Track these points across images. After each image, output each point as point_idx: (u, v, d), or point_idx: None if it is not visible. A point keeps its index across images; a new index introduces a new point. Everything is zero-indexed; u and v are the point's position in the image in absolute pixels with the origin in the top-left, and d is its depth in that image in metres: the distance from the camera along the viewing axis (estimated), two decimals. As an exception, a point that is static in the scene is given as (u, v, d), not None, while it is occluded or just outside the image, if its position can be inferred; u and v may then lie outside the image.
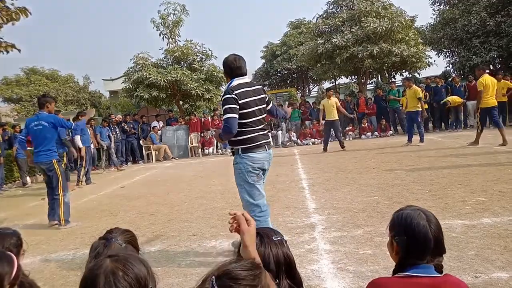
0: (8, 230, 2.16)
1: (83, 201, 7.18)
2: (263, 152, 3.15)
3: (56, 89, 24.31)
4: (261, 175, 3.19)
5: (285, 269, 1.23)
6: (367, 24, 14.81)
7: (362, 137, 13.93)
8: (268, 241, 1.25)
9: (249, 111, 3.09)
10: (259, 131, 3.15)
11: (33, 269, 3.48)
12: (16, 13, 7.82)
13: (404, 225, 1.39)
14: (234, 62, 3.18)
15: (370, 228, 3.73)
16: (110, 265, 1.07)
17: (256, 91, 3.18)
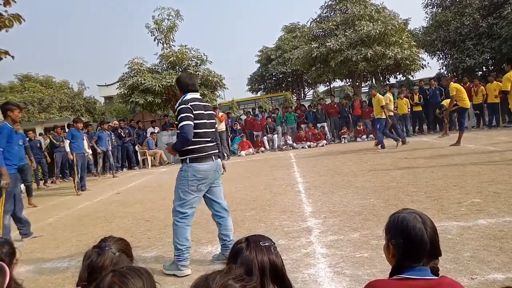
0: (0, 239, 2.14)
1: (78, 208, 7.13)
2: (209, 163, 3.33)
3: (51, 95, 24.16)
4: (201, 188, 3.33)
5: (271, 275, 1.23)
6: (361, 27, 14.90)
7: (358, 140, 13.97)
8: (254, 247, 1.26)
9: (200, 122, 3.28)
10: (208, 143, 3.35)
11: (27, 278, 3.44)
12: (9, 20, 7.77)
13: (400, 228, 1.39)
14: (189, 79, 3.47)
15: (367, 231, 3.73)
16: (109, 280, 1.13)
17: (207, 107, 3.43)
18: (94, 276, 1.58)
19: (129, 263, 1.68)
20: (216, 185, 3.47)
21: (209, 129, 3.37)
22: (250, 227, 4.43)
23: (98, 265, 1.57)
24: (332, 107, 15.14)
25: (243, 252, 1.25)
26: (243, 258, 1.24)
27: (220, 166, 3.49)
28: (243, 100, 25.11)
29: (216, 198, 3.49)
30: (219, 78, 16.30)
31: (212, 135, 3.42)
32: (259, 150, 14.60)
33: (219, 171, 3.47)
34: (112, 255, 1.60)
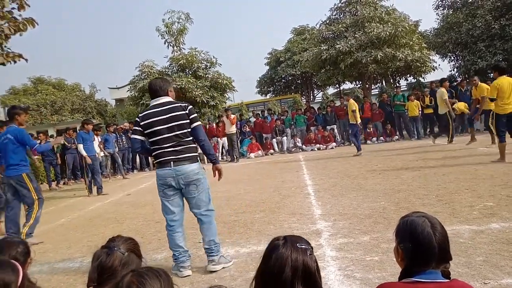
0: (16, 239, 2.19)
1: (89, 209, 7.21)
2: (166, 169, 3.25)
3: (63, 97, 24.55)
4: (167, 192, 3.31)
5: (303, 276, 1.22)
6: (371, 29, 14.84)
7: (368, 142, 13.88)
8: (290, 246, 1.26)
9: (152, 131, 3.26)
10: (164, 149, 3.26)
11: (40, 278, 3.50)
12: (23, 24, 7.94)
13: (409, 232, 1.39)
14: (150, 86, 3.43)
15: (377, 234, 3.71)
16: (128, 279, 1.17)
17: (168, 110, 3.26)
18: (104, 277, 1.60)
19: (139, 262, 1.70)
20: (188, 194, 3.32)
21: (165, 135, 3.23)
22: (260, 229, 4.44)
23: (107, 265, 1.59)
24: (342, 109, 15.05)
25: (279, 249, 1.26)
26: (278, 254, 1.25)
27: (180, 172, 3.24)
28: (253, 102, 25.18)
29: (189, 208, 3.42)
30: (229, 80, 16.38)
31: (173, 139, 3.24)
32: (268, 152, 14.60)
33: (179, 177, 3.25)
34: (121, 255, 1.62)
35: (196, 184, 3.31)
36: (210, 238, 3.35)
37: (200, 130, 3.42)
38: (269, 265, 1.26)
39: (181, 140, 3.28)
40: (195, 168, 3.30)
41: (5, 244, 2.09)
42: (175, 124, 3.25)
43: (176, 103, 3.36)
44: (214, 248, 3.34)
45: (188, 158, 3.29)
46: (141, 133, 3.32)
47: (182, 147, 3.28)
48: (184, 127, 3.29)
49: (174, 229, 3.36)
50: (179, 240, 3.36)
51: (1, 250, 2.04)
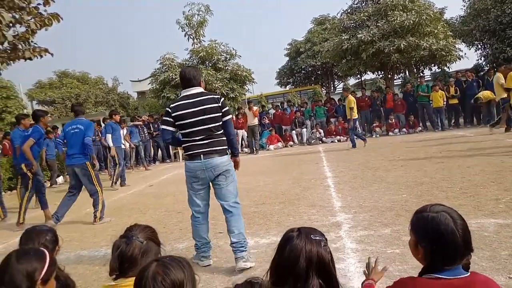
0: (44, 227, 2.28)
1: (113, 199, 7.41)
2: (196, 162, 3.21)
3: (87, 91, 25.16)
4: (195, 186, 3.29)
5: (317, 268, 1.23)
6: (394, 18, 14.47)
7: (390, 134, 13.63)
8: (304, 237, 1.27)
9: (183, 123, 3.20)
10: (196, 141, 3.20)
11: (67, 266, 3.62)
12: (48, 19, 8.13)
13: (431, 232, 1.31)
14: (183, 75, 3.32)
15: (398, 227, 3.66)
16: (153, 269, 1.21)
17: (201, 102, 3.18)
18: (125, 266, 1.65)
19: (157, 250, 1.75)
20: (216, 185, 3.28)
21: (196, 127, 3.18)
22: (279, 220, 4.46)
23: (127, 255, 1.64)
24: (363, 100, 14.80)
25: (293, 240, 1.27)
26: (292, 245, 1.26)
27: (210, 165, 3.20)
28: (272, 94, 25.08)
29: (216, 198, 3.36)
30: (248, 72, 16.36)
31: (204, 132, 3.19)
32: (288, 144, 14.56)
33: (208, 170, 3.21)
34: (140, 243, 1.66)
35: (226, 175, 3.26)
36: (240, 231, 3.25)
37: (231, 124, 3.40)
38: (283, 256, 1.27)
39: (213, 133, 3.22)
40: (225, 160, 3.27)
41: (34, 232, 2.18)
42: (208, 117, 3.18)
43: (209, 94, 3.29)
44: (243, 243, 3.22)
45: (218, 151, 3.24)
46: (172, 124, 3.26)
47: (213, 140, 3.22)
48: (217, 120, 3.23)
49: (199, 221, 3.38)
50: (203, 232, 3.38)
51: (31, 237, 2.14)
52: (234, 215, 3.28)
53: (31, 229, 2.23)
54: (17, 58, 8.37)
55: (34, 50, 8.28)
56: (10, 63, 8.58)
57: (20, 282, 1.50)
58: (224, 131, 3.31)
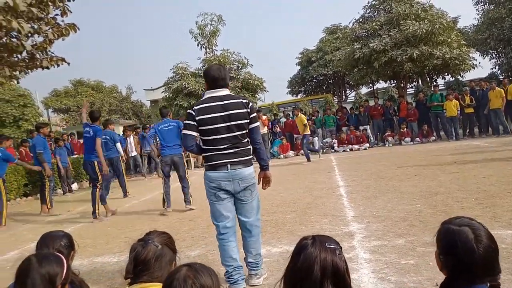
0: (60, 232, 2.31)
1: (126, 206, 7.48)
2: (222, 172, 2.89)
3: (101, 99, 25.58)
4: (220, 195, 2.93)
5: (332, 276, 1.22)
6: (406, 27, 14.41)
7: (402, 143, 13.49)
8: (319, 245, 1.26)
9: (207, 128, 2.87)
10: (220, 150, 2.88)
11: (81, 271, 3.66)
12: (66, 29, 8.34)
13: (450, 245, 1.32)
14: (211, 73, 2.96)
15: (413, 237, 3.61)
16: (184, 273, 1.25)
17: (227, 106, 2.87)
18: (138, 269, 1.67)
19: (172, 256, 1.77)
20: (240, 200, 2.98)
21: (222, 134, 2.86)
22: (291, 229, 4.43)
23: (141, 257, 1.67)
24: (376, 109, 14.74)
25: (307, 249, 1.26)
26: (307, 253, 1.24)
27: (237, 175, 2.91)
28: (283, 102, 25.09)
29: (237, 213, 3.05)
30: (260, 81, 16.45)
31: (230, 139, 2.88)
32: (299, 153, 14.51)
33: (235, 181, 2.91)
34: (155, 248, 1.69)
35: (251, 189, 2.99)
36: (258, 252, 3.06)
37: (258, 132, 3.07)
38: (297, 264, 1.26)
39: (240, 141, 2.93)
40: (252, 171, 2.99)
41: (50, 237, 2.21)
42: (235, 123, 2.87)
43: (237, 98, 2.96)
44: (259, 262, 3.08)
45: (245, 161, 2.95)
46: (196, 129, 2.90)
47: (240, 149, 2.93)
48: (244, 127, 2.92)
49: (227, 237, 2.95)
50: (233, 252, 2.94)
51: (46, 243, 2.17)
52: (253, 236, 3.04)
53: (46, 234, 2.26)
54: (35, 67, 8.59)
55: (51, 59, 8.49)
56: (28, 72, 8.80)
57: (42, 286, 1.53)
58: (250, 140, 3.02)
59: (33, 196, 10.15)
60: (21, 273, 1.59)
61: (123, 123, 20.63)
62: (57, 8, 8.19)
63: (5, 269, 4.27)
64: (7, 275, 4.03)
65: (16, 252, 4.95)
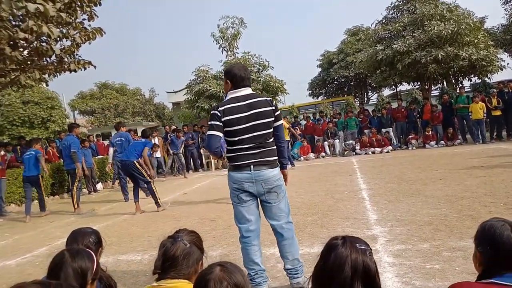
0: (89, 229, 2.38)
1: (148, 206, 7.60)
2: (245, 173, 2.82)
3: (125, 101, 26.14)
4: (243, 197, 2.86)
5: (362, 277, 1.22)
6: (431, 27, 14.11)
7: (427, 146, 13.19)
8: (350, 245, 1.26)
9: (234, 129, 2.80)
10: (245, 150, 2.82)
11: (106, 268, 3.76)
12: (92, 33, 8.61)
13: (487, 236, 1.40)
14: (235, 72, 2.90)
15: (438, 242, 3.53)
16: (219, 273, 1.28)
17: (252, 105, 2.82)
18: (166, 265, 1.71)
19: (199, 255, 1.80)
20: (266, 202, 2.91)
21: (248, 134, 2.79)
22: (312, 232, 4.41)
23: (170, 254, 1.71)
24: (399, 111, 14.45)
25: (338, 248, 1.26)
26: (337, 253, 1.24)
27: (260, 177, 2.83)
28: (304, 105, 25.00)
29: (266, 217, 2.97)
30: (280, 83, 16.44)
31: (257, 138, 2.81)
32: (320, 155, 14.42)
33: (259, 183, 2.83)
34: (183, 245, 1.73)
35: (277, 191, 2.88)
36: (294, 257, 2.92)
37: (283, 130, 3.01)
38: (327, 264, 1.26)
39: (265, 141, 2.85)
40: (276, 173, 2.89)
41: (79, 233, 2.29)
42: (260, 122, 2.81)
43: (261, 96, 2.93)
44: (299, 269, 2.92)
45: (270, 162, 2.86)
46: (222, 129, 2.81)
47: (265, 149, 2.85)
48: (269, 126, 2.85)
49: (249, 241, 2.88)
50: (255, 256, 2.87)
51: (76, 239, 2.25)
52: (287, 239, 2.91)
53: (75, 231, 2.34)
54: (63, 70, 8.89)
55: (78, 63, 8.77)
56: (57, 74, 9.12)
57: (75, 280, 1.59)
58: (274, 138, 2.95)
59: (60, 195, 10.47)
60: (54, 266, 1.65)
61: (145, 125, 21.02)
62: (84, 13, 8.46)
63: (35, 265, 4.44)
64: (37, 270, 4.20)
65: (45, 249, 5.13)
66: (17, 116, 17.09)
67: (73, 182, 8.11)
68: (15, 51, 7.29)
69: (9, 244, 5.72)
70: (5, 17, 6.60)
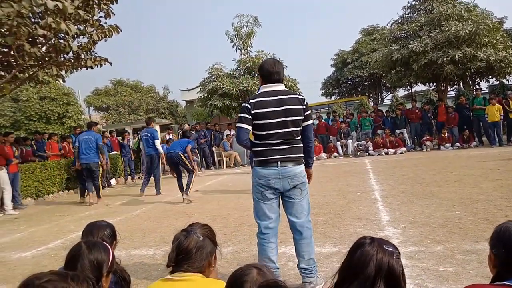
0: (104, 223, 2.42)
1: (161, 202, 7.69)
2: (272, 169, 2.81)
3: (139, 98, 26.38)
4: (266, 194, 2.86)
5: (386, 277, 1.22)
6: (448, 27, 13.87)
7: (441, 148, 12.99)
8: (377, 245, 1.27)
9: (263, 122, 2.80)
10: (272, 146, 2.81)
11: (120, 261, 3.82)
12: (109, 30, 8.70)
13: (502, 239, 1.40)
14: (267, 67, 2.89)
15: (452, 244, 3.48)
16: (255, 276, 1.30)
17: (283, 101, 2.80)
18: (180, 257, 1.73)
19: (213, 248, 1.82)
20: (289, 198, 2.89)
21: (277, 130, 2.79)
22: (324, 231, 4.40)
23: (183, 246, 1.73)
24: (414, 112, 14.27)
25: (365, 246, 1.28)
26: (363, 251, 1.26)
27: (287, 173, 2.82)
28: (317, 104, 24.88)
29: (286, 213, 2.96)
30: (294, 82, 16.38)
31: (285, 135, 2.81)
32: (332, 155, 14.34)
33: (285, 180, 2.82)
34: (196, 238, 1.75)
35: (301, 188, 2.87)
36: (310, 257, 2.91)
37: (311, 130, 3.01)
38: (353, 260, 1.28)
39: (293, 138, 2.85)
40: (302, 170, 2.90)
41: (95, 226, 2.33)
42: (290, 119, 2.80)
43: (293, 93, 2.92)
44: (313, 269, 2.92)
45: (296, 159, 2.86)
46: (251, 122, 2.83)
47: (292, 146, 2.85)
48: (298, 124, 2.85)
49: (267, 238, 2.90)
50: (271, 253, 2.89)
51: (91, 231, 2.29)
52: (305, 238, 2.90)
53: (91, 224, 2.38)
54: (80, 66, 9.02)
55: (95, 60, 8.88)
56: (74, 71, 9.27)
57: (91, 272, 1.62)
58: (303, 138, 2.93)
59: (74, 190, 10.64)
60: (71, 257, 1.68)
61: (159, 122, 21.22)
62: (101, 11, 8.58)
63: (50, 257, 4.53)
64: (52, 262, 4.28)
65: (59, 242, 5.23)
66: (34, 111, 17.44)
67: (97, 175, 8.54)
68: (34, 47, 7.43)
69: (25, 236, 5.85)
70: (25, 14, 6.73)
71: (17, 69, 8.05)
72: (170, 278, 1.67)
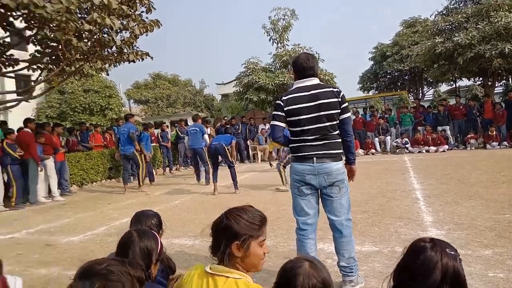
0: (151, 212, 2.52)
1: (199, 193, 7.86)
2: (307, 165, 2.77)
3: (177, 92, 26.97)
4: (303, 190, 2.83)
5: (451, 282, 1.19)
6: (498, 19, 13.06)
7: (487, 147, 12.33)
8: (440, 250, 1.23)
9: (296, 119, 2.77)
10: (308, 142, 2.78)
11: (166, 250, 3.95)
12: (150, 25, 8.92)
13: None
14: (300, 63, 2.85)
15: (501, 249, 3.31)
16: (308, 269, 1.32)
17: (317, 95, 2.74)
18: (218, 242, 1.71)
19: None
20: (327, 196, 2.83)
21: (311, 125, 2.75)
22: (363, 230, 4.32)
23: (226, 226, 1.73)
24: (457, 108, 13.60)
25: (426, 252, 1.24)
26: (426, 256, 1.23)
27: (323, 170, 2.76)
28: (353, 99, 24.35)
29: (325, 211, 2.90)
30: (330, 76, 16.12)
31: (319, 130, 2.75)
32: (369, 152, 14.00)
33: (321, 176, 2.77)
34: None
35: (339, 185, 2.80)
36: (351, 255, 2.86)
37: (350, 124, 2.89)
38: (415, 266, 1.24)
39: (329, 133, 2.77)
40: (340, 167, 2.82)
41: (143, 215, 2.43)
42: (325, 114, 2.73)
43: (327, 87, 2.82)
44: (353, 267, 2.86)
45: (333, 155, 2.78)
46: (284, 120, 2.83)
47: (328, 142, 2.78)
48: (334, 118, 2.76)
49: (306, 234, 2.88)
50: (310, 249, 2.86)
51: (140, 220, 2.38)
52: (345, 236, 2.85)
53: (139, 213, 2.47)
54: (123, 60, 9.33)
55: (137, 54, 9.15)
56: (117, 65, 9.60)
57: (141, 258, 1.68)
58: (340, 132, 2.84)
59: (116, 179, 11.08)
60: (123, 244, 1.76)
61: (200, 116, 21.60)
62: (143, 6, 8.81)
63: (96, 242, 4.76)
64: (98, 248, 4.49)
65: (104, 228, 5.47)
66: (79, 103, 18.30)
67: (136, 162, 9.08)
68: (81, 42, 7.75)
69: (72, 222, 6.17)
70: (73, 10, 7.04)
71: (65, 63, 8.43)
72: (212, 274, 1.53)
